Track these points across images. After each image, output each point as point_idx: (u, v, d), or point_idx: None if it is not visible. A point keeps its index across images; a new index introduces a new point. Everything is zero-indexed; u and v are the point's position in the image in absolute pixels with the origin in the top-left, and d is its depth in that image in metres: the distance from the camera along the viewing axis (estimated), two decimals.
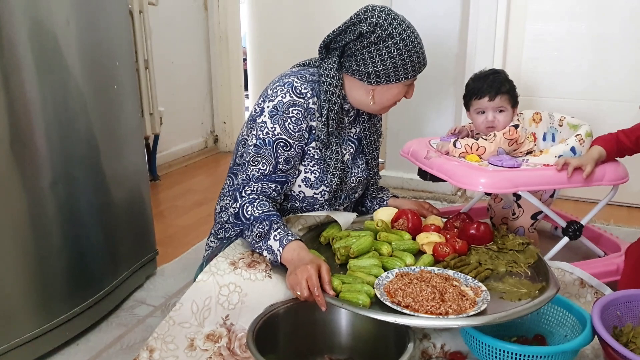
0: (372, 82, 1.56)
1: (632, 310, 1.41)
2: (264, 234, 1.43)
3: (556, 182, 1.68)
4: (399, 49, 1.51)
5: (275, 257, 1.41)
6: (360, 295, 1.26)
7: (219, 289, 1.36)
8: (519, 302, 1.30)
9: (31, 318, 1.52)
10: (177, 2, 3.53)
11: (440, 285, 1.30)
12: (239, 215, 1.50)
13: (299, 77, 1.57)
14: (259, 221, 1.46)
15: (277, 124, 1.52)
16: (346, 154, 1.69)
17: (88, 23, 1.62)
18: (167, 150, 3.57)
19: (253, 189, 1.52)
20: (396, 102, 1.65)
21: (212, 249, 1.73)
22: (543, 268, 1.47)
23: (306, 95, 1.55)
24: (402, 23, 1.53)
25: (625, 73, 2.64)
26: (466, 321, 1.20)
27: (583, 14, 2.67)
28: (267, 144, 1.52)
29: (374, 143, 1.77)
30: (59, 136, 1.53)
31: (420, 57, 1.57)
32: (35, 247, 1.49)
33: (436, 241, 1.54)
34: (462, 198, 2.93)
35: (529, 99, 2.77)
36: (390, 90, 1.59)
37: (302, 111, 1.54)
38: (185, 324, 1.35)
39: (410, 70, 1.55)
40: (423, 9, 2.74)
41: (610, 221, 2.53)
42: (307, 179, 1.61)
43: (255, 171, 1.53)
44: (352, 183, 1.72)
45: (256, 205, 1.49)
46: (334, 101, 1.56)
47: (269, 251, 1.42)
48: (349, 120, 1.70)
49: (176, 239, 2.45)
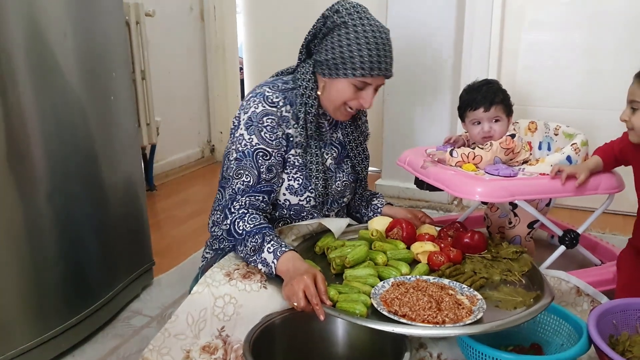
0: (324, 72, 1.54)
1: (628, 319, 1.41)
2: (258, 247, 1.43)
3: (552, 191, 1.68)
4: (349, 39, 1.47)
5: (271, 270, 1.40)
6: (357, 305, 1.26)
7: (214, 301, 1.36)
8: (515, 311, 1.30)
9: (27, 329, 1.51)
10: (174, 13, 3.54)
11: (436, 295, 1.31)
12: (231, 231, 1.49)
13: (270, 86, 1.58)
14: (251, 235, 1.45)
15: (254, 135, 1.53)
16: (328, 158, 1.68)
17: (85, 34, 1.62)
18: (164, 160, 3.57)
19: (241, 203, 1.52)
20: (347, 105, 1.57)
21: (207, 260, 1.73)
22: (537, 276, 1.48)
23: (278, 104, 1.55)
24: (363, 17, 1.48)
25: (620, 82, 2.63)
26: (463, 330, 1.20)
27: (578, 23, 2.69)
28: (247, 156, 1.52)
29: (359, 146, 1.75)
30: (55, 147, 1.53)
31: (374, 58, 1.48)
32: (32, 257, 1.49)
33: (431, 250, 1.55)
34: (458, 207, 2.93)
35: (524, 108, 2.79)
36: (337, 85, 1.53)
37: (275, 119, 1.54)
38: (180, 336, 1.35)
39: (358, 67, 1.47)
40: (418, 18, 2.76)
41: (606, 229, 2.54)
42: (291, 186, 1.62)
43: (240, 184, 1.52)
44: (337, 187, 1.71)
45: (247, 220, 1.49)
46: (311, 104, 1.56)
47: (264, 264, 1.41)
48: (330, 124, 1.69)
49: (173, 249, 2.44)
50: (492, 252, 1.60)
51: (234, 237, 1.49)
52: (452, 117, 2.82)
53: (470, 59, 2.85)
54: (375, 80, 1.53)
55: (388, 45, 1.51)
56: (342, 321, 1.36)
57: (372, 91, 1.55)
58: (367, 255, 1.51)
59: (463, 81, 2.70)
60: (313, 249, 1.61)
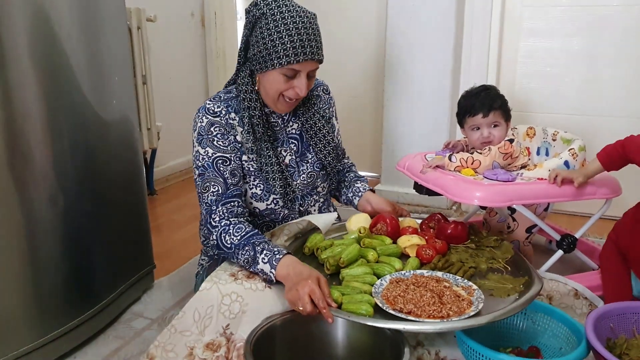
0: (255, 68, 1.53)
1: (625, 322, 1.42)
2: (251, 259, 1.42)
3: (550, 195, 1.70)
4: (269, 29, 1.46)
5: (270, 278, 1.39)
6: (362, 306, 1.27)
7: (222, 298, 1.37)
8: (509, 298, 1.34)
9: (28, 331, 1.52)
10: (175, 19, 3.56)
11: (437, 289, 1.33)
12: (220, 246, 1.48)
13: (211, 99, 1.58)
14: (241, 247, 1.44)
15: (207, 147, 1.53)
16: (287, 155, 1.67)
17: (88, 39, 1.64)
18: (165, 165, 3.58)
19: (220, 214, 1.50)
20: (284, 96, 1.56)
21: (203, 266, 1.75)
22: (521, 262, 1.52)
23: (221, 113, 1.55)
24: (282, 5, 1.47)
25: (618, 89, 2.68)
26: (472, 321, 1.21)
27: (576, 31, 2.71)
28: (207, 168, 1.53)
29: (319, 133, 1.70)
30: (57, 150, 1.54)
31: (296, 44, 1.45)
32: (33, 260, 1.50)
33: (418, 243, 1.56)
34: (457, 212, 2.94)
35: (522, 114, 2.80)
36: (268, 78, 1.53)
37: (222, 127, 1.55)
38: (186, 332, 1.36)
39: (282, 55, 1.46)
40: (417, 25, 2.78)
41: (604, 234, 2.54)
42: (255, 194, 1.62)
43: (211, 195, 1.52)
44: (303, 181, 1.69)
45: (232, 232, 1.47)
46: (253, 106, 1.56)
47: (262, 274, 1.41)
48: (283, 120, 1.68)
49: (173, 252, 2.45)
50: (475, 241, 1.62)
51: (224, 251, 1.48)
52: (451, 123, 2.83)
53: (469, 65, 2.87)
54: (303, 66, 1.50)
55: (312, 29, 1.48)
56: (342, 322, 1.37)
57: (304, 78, 1.52)
58: (360, 254, 1.53)
59: (462, 87, 2.71)
60: (302, 250, 1.61)
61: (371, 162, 3.57)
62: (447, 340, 1.42)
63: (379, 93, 3.24)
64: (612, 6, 2.62)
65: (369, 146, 3.56)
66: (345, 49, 3.49)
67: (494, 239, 1.64)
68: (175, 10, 3.55)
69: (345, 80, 3.48)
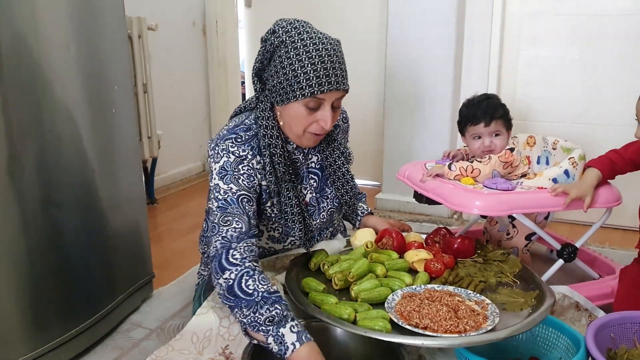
0: (276, 100, 1.43)
1: (626, 332, 1.41)
2: (278, 319, 1.24)
3: (550, 205, 1.69)
4: (290, 58, 1.35)
5: (283, 349, 1.21)
6: (378, 321, 1.26)
7: (220, 321, 1.36)
8: (522, 312, 1.34)
9: (26, 341, 1.51)
10: (176, 27, 3.58)
11: (451, 303, 1.32)
12: (234, 288, 1.28)
13: (233, 141, 1.45)
14: (270, 302, 1.26)
15: (232, 183, 1.41)
16: (307, 192, 1.61)
17: (88, 48, 1.64)
18: (165, 174, 3.58)
19: (240, 252, 1.34)
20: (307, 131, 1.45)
21: (203, 277, 1.74)
22: (530, 276, 1.52)
23: (247, 157, 1.44)
24: (302, 32, 1.36)
25: (618, 97, 2.67)
26: (491, 336, 1.21)
27: (576, 39, 2.71)
28: (231, 203, 1.40)
29: (340, 169, 1.63)
30: (56, 159, 1.54)
31: (320, 72, 1.35)
32: (31, 269, 1.49)
33: (426, 258, 1.56)
34: (458, 221, 2.94)
35: (523, 123, 2.80)
36: (290, 111, 1.42)
37: (250, 168, 1.44)
38: (184, 351, 1.35)
39: (305, 85, 1.35)
40: (418, 34, 2.78)
41: (605, 244, 2.54)
42: (272, 236, 1.58)
43: (232, 231, 1.36)
44: (322, 219, 1.64)
45: (258, 280, 1.29)
46: (274, 144, 1.45)
47: (278, 341, 1.23)
48: (304, 155, 1.60)
49: (173, 262, 2.44)
50: (482, 255, 1.62)
51: (238, 296, 1.28)
52: (452, 132, 2.83)
53: (470, 74, 2.87)
54: (328, 96, 1.40)
55: (336, 57, 1.39)
56: (340, 333, 1.36)
57: (328, 109, 1.42)
58: (369, 268, 1.52)
59: (463, 96, 2.71)
60: (308, 265, 1.60)
61: (372, 171, 3.57)
62: (449, 355, 1.41)
63: (380, 102, 3.24)
64: (612, 15, 2.62)
65: (370, 155, 3.56)
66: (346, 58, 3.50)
67: (500, 253, 1.63)
68: (176, 19, 3.57)
69: None
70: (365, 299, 1.38)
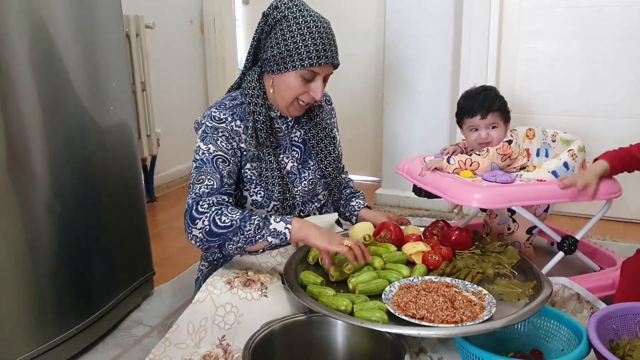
0: (272, 69, 1.53)
1: (628, 323, 1.40)
2: (262, 223, 1.38)
3: (549, 196, 1.69)
4: (292, 31, 1.47)
5: (283, 237, 1.38)
6: (375, 312, 1.26)
7: (215, 310, 1.36)
8: (520, 302, 1.33)
9: (27, 339, 1.51)
10: (174, 26, 3.57)
11: (448, 294, 1.32)
12: (212, 228, 1.39)
13: (217, 106, 1.58)
14: (246, 219, 1.39)
15: (210, 144, 1.52)
16: (289, 161, 1.67)
17: (85, 46, 1.64)
18: (165, 172, 3.58)
19: (210, 202, 1.43)
20: (299, 100, 1.57)
21: (202, 272, 1.74)
22: (528, 267, 1.52)
23: (226, 120, 1.55)
24: (303, 10, 1.50)
25: (617, 90, 2.67)
26: (488, 325, 1.21)
27: (574, 33, 2.71)
28: (206, 163, 1.50)
29: (321, 142, 1.72)
30: (55, 157, 1.54)
31: (319, 47, 1.48)
32: (32, 267, 1.49)
33: (424, 250, 1.56)
34: (458, 215, 2.93)
35: (523, 116, 2.80)
36: (285, 80, 1.53)
37: (227, 132, 1.54)
38: (181, 345, 1.35)
39: (305, 57, 1.48)
40: (416, 28, 2.78)
41: (607, 236, 2.54)
42: (255, 201, 1.62)
43: (204, 187, 1.46)
44: (304, 188, 1.69)
45: (228, 212, 1.41)
46: (258, 111, 1.56)
47: (274, 234, 1.38)
48: (287, 126, 1.68)
49: (173, 259, 2.45)
50: (479, 247, 1.61)
51: (219, 233, 1.39)
52: (451, 126, 2.83)
53: (468, 68, 2.87)
54: (323, 70, 1.53)
55: (331, 35, 1.52)
56: (342, 327, 1.36)
57: (321, 82, 1.55)
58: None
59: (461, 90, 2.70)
60: (306, 259, 1.60)
61: (372, 166, 3.58)
62: (449, 347, 1.41)
63: (379, 98, 3.24)
64: (610, 7, 2.62)
65: (370, 151, 3.56)
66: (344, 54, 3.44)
67: (498, 245, 1.63)
68: (174, 17, 3.56)
69: (344, 85, 3.47)
70: (363, 290, 1.38)
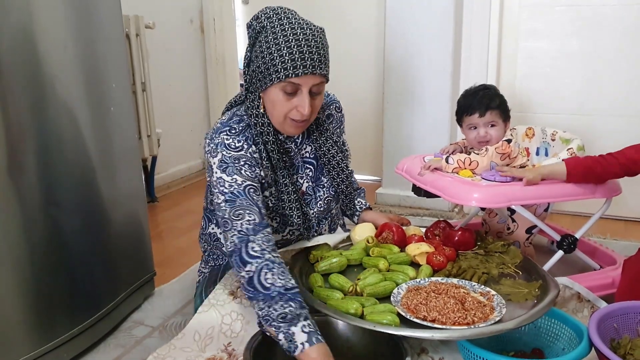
0: (259, 86, 1.43)
1: (629, 322, 1.41)
2: (291, 317, 1.22)
3: (549, 195, 1.69)
4: (268, 42, 1.37)
5: (292, 347, 1.20)
6: (387, 315, 1.26)
7: (222, 318, 1.36)
8: (527, 302, 1.34)
9: (29, 340, 1.51)
10: (174, 26, 3.57)
11: (458, 296, 1.32)
12: (254, 282, 1.28)
13: (228, 132, 1.46)
14: (285, 299, 1.24)
15: (235, 174, 1.41)
16: (304, 182, 1.62)
17: (85, 46, 1.64)
18: (165, 172, 3.58)
19: (259, 243, 1.32)
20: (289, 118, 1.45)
21: (204, 274, 1.74)
22: (531, 266, 1.52)
23: (243, 147, 1.45)
24: (283, 18, 1.38)
25: (618, 89, 2.67)
26: (500, 327, 1.21)
27: (575, 31, 2.70)
28: (238, 195, 1.38)
29: (334, 158, 1.64)
30: (56, 158, 1.54)
31: (295, 55, 1.35)
32: (33, 268, 1.49)
33: (427, 251, 1.56)
34: (459, 214, 2.93)
35: (523, 115, 2.80)
36: (270, 96, 1.42)
37: (249, 158, 1.44)
38: (186, 349, 1.35)
39: (280, 68, 1.35)
40: (416, 27, 2.78)
41: (607, 235, 2.54)
42: (271, 227, 1.54)
43: (247, 224, 1.35)
44: (320, 207, 1.65)
45: (277, 273, 1.28)
46: (266, 132, 1.47)
47: (289, 338, 1.21)
48: (296, 144, 1.61)
49: (174, 259, 2.45)
50: (482, 247, 1.62)
51: (256, 289, 1.27)
52: (451, 125, 2.83)
53: (468, 67, 2.87)
54: (304, 81, 1.38)
55: (314, 42, 1.38)
56: (343, 328, 1.36)
57: (306, 95, 1.40)
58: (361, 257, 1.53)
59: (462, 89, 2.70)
60: (307, 257, 1.61)
61: (372, 165, 3.57)
62: (451, 347, 1.41)
63: (379, 97, 3.24)
64: (610, 5, 2.61)
65: (370, 150, 3.56)
66: (344, 54, 3.49)
67: (501, 244, 1.63)
68: (174, 17, 3.56)
69: (345, 84, 3.47)
70: (371, 293, 1.38)
